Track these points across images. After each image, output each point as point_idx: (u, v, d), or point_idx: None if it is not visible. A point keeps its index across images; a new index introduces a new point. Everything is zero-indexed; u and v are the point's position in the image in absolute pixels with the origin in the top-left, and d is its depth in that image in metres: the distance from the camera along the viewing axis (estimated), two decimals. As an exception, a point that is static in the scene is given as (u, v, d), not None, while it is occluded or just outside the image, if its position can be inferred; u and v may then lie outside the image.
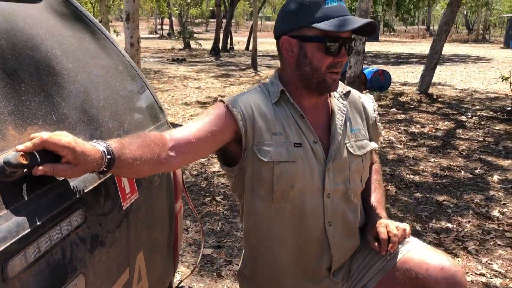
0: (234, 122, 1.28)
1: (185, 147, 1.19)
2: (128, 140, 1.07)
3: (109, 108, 1.22)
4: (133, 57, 8.66)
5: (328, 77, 1.28)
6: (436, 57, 9.81)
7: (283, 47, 1.31)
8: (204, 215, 3.96)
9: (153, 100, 1.53)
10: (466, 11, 38.56)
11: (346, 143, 1.37)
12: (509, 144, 6.33)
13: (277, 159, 1.30)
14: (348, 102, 1.44)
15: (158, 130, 1.49)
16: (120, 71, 1.38)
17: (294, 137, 1.32)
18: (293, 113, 1.34)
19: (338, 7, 1.26)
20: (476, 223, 3.86)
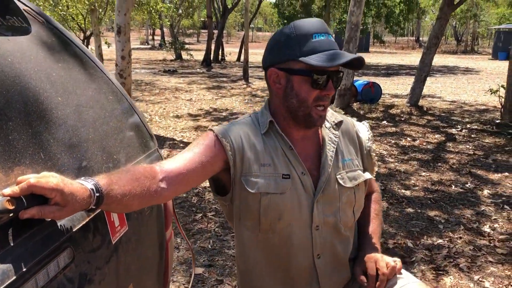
0: (224, 153, 1.28)
1: (176, 178, 1.18)
2: (117, 175, 1.05)
3: (98, 141, 1.20)
4: (125, 69, 8.65)
5: (314, 112, 1.28)
6: (426, 69, 9.91)
7: (271, 78, 1.31)
8: (195, 233, 3.93)
9: (143, 128, 1.52)
10: (454, 22, 39.11)
11: (336, 174, 1.36)
12: (498, 157, 6.39)
13: (265, 190, 1.29)
14: (340, 131, 1.43)
15: (149, 158, 1.48)
16: (110, 101, 1.37)
17: (283, 169, 1.31)
18: (282, 144, 1.33)
19: (326, 40, 1.25)
20: (467, 239, 3.87)
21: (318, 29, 1.25)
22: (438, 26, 9.63)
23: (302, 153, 1.34)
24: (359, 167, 1.43)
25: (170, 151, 6.64)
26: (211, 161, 1.26)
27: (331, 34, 1.28)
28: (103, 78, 1.41)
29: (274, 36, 1.31)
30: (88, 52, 1.41)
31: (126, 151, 1.33)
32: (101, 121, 1.26)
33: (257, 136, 1.33)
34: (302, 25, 1.26)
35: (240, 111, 10.18)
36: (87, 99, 1.25)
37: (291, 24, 1.28)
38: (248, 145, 1.31)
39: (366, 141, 1.47)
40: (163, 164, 1.21)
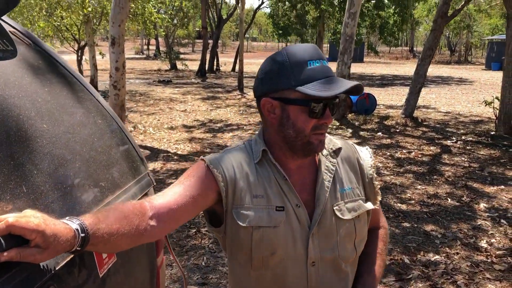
0: (216, 184, 1.21)
1: (166, 214, 1.12)
2: (104, 213, 1.00)
3: (85, 170, 1.15)
4: (119, 81, 8.60)
5: (313, 138, 1.21)
6: (421, 81, 9.94)
7: (265, 108, 1.24)
8: (189, 249, 3.87)
9: (133, 151, 1.47)
10: (448, 33, 39.44)
11: (333, 206, 1.27)
12: (494, 170, 6.38)
13: (257, 224, 1.21)
14: (340, 158, 1.34)
15: (139, 184, 1.43)
16: (99, 125, 1.32)
17: (277, 200, 1.23)
18: (275, 175, 1.26)
19: (321, 67, 1.18)
20: (464, 254, 3.83)
21: (312, 55, 1.19)
22: (432, 38, 9.67)
23: (297, 184, 1.27)
24: (360, 197, 1.33)
25: (164, 164, 6.58)
26: (203, 194, 1.20)
27: (325, 59, 1.21)
28: (92, 101, 1.36)
29: (265, 64, 1.24)
30: (77, 74, 1.37)
31: (115, 177, 1.28)
32: (88, 148, 1.21)
33: (250, 166, 1.26)
34: (296, 52, 1.19)
35: (235, 122, 10.14)
36: (75, 124, 1.20)
37: (284, 51, 1.21)
38: (241, 175, 1.24)
39: (368, 168, 1.37)
40: (153, 200, 1.14)
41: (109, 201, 1.21)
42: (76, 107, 1.26)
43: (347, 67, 9.52)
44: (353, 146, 1.41)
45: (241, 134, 8.77)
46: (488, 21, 40.70)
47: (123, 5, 8.25)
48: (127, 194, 1.30)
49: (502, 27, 39.20)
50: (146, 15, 13.41)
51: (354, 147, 1.41)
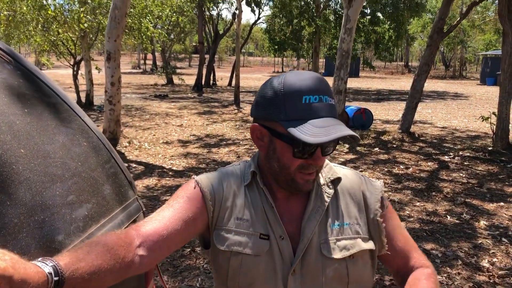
0: (204, 203, 1.13)
1: (156, 242, 1.02)
2: (84, 250, 0.90)
3: (66, 197, 1.06)
4: (114, 96, 8.54)
5: (298, 177, 1.09)
6: (417, 96, 9.92)
7: (254, 134, 1.14)
8: (183, 270, 3.75)
9: (121, 175, 1.38)
10: (442, 48, 39.76)
11: (321, 241, 1.12)
12: (493, 186, 6.30)
13: (236, 249, 1.10)
14: (340, 190, 1.20)
15: (127, 210, 1.33)
16: (83, 148, 1.24)
17: (261, 227, 1.12)
18: (263, 200, 1.15)
19: (318, 105, 1.04)
20: (466, 274, 3.73)
21: (310, 89, 1.04)
22: (428, 54, 9.68)
23: (285, 213, 1.15)
24: (360, 235, 1.16)
25: (159, 180, 6.47)
26: (194, 216, 1.10)
27: (328, 95, 1.06)
28: (77, 122, 1.28)
29: (263, 86, 1.12)
30: (62, 94, 1.28)
31: (100, 205, 1.19)
32: (71, 173, 1.12)
33: (239, 187, 1.17)
34: (293, 82, 1.06)
35: (231, 137, 10.07)
36: (56, 148, 1.11)
37: (282, 78, 1.08)
38: (228, 195, 1.16)
39: (374, 203, 1.20)
40: (140, 227, 1.04)
41: (93, 231, 1.11)
42: (59, 129, 1.17)
43: (344, 82, 9.50)
44: (362, 178, 1.25)
45: (237, 149, 8.68)
46: (482, 36, 41.11)
47: (119, 20, 8.23)
48: (113, 222, 1.21)
49: (496, 42, 39.61)
50: (142, 30, 13.40)
51: (363, 178, 1.25)
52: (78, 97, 14.57)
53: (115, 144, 8.61)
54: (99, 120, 11.73)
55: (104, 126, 8.74)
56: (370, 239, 1.19)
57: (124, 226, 1.26)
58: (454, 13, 30.71)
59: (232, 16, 24.05)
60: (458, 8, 31.94)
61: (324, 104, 1.05)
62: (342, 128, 1.02)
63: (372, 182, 1.25)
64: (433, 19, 34.58)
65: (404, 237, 1.25)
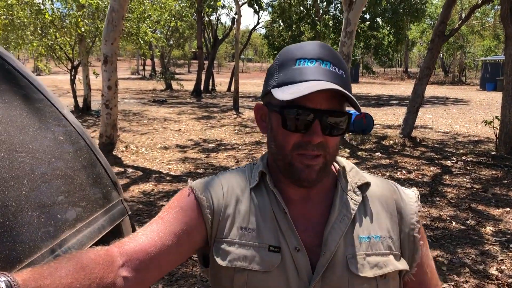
0: (200, 212, 0.96)
1: (142, 262, 0.85)
2: (52, 266, 0.74)
3: (35, 197, 0.92)
4: (111, 100, 8.40)
5: (296, 160, 0.92)
6: (418, 100, 9.80)
7: (258, 114, 1.01)
8: (179, 278, 3.59)
9: (104, 174, 1.23)
10: (442, 54, 39.78)
11: (347, 256, 0.94)
12: (497, 191, 6.16)
13: (241, 265, 0.92)
14: (370, 197, 1.02)
15: (109, 213, 1.18)
16: (59, 142, 1.09)
17: (271, 238, 0.94)
18: (273, 205, 0.97)
19: (314, 68, 0.90)
20: (474, 283, 3.57)
21: (306, 53, 0.92)
22: (429, 57, 9.57)
23: (300, 220, 0.97)
24: (392, 251, 0.98)
25: (156, 185, 6.32)
26: (188, 229, 0.93)
27: (330, 61, 0.92)
28: (53, 114, 1.13)
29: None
30: (37, 82, 1.14)
31: (77, 207, 1.04)
32: (42, 170, 0.97)
33: (243, 191, 1.00)
34: (291, 49, 0.96)
35: (230, 142, 9.92)
36: (25, 141, 0.97)
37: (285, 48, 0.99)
38: (230, 200, 0.98)
39: (411, 216, 1.02)
40: (124, 244, 0.87)
41: (66, 237, 0.97)
42: (30, 120, 1.03)
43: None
44: (394, 185, 1.07)
45: (236, 154, 8.54)
46: (481, 42, 41.13)
47: (116, 23, 8.11)
48: (92, 227, 1.06)
49: (495, 48, 39.62)
50: (141, 35, 13.29)
51: (395, 186, 1.07)
52: (75, 102, 14.44)
53: (111, 149, 8.46)
54: (96, 125, 11.59)
55: (100, 131, 8.60)
56: (403, 257, 1.01)
57: (104, 232, 1.11)
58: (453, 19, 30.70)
59: (231, 21, 24.01)
60: (457, 14, 31.95)
61: (322, 69, 0.90)
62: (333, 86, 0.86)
63: (405, 190, 1.07)
64: (432, 25, 34.62)
65: (431, 268, 1.06)
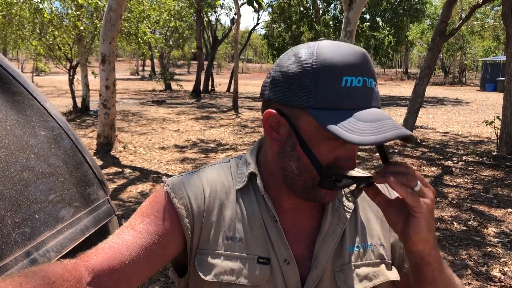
0: (178, 222, 0.85)
1: (110, 280, 0.76)
2: (16, 280, 0.66)
3: (11, 196, 0.85)
4: (109, 99, 8.33)
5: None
6: (419, 100, 9.73)
7: (268, 122, 0.84)
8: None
9: (89, 172, 1.16)
10: (442, 54, 39.73)
11: (335, 268, 0.87)
12: (499, 191, 6.09)
13: (228, 279, 0.83)
14: (360, 202, 0.94)
15: (94, 214, 1.11)
16: (40, 137, 1.02)
17: (260, 248, 0.85)
18: (262, 212, 0.87)
19: (362, 91, 0.77)
20: (476, 285, 3.50)
21: (353, 68, 0.76)
22: (430, 57, 9.50)
23: (291, 230, 0.88)
24: (384, 259, 0.91)
25: (153, 186, 6.24)
26: (163, 242, 0.83)
27: (372, 77, 0.79)
28: (33, 107, 1.06)
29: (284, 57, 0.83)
30: (17, 73, 1.07)
31: (58, 206, 0.97)
32: (19, 166, 0.90)
33: (229, 193, 0.89)
34: (330, 55, 0.77)
35: (229, 142, 9.85)
36: (0, 136, 0.90)
37: (315, 48, 0.79)
38: (213, 206, 0.87)
39: None
40: (90, 258, 0.77)
41: (44, 239, 0.89)
42: (8, 113, 0.96)
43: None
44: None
45: (235, 154, 8.45)
46: (481, 43, 41.09)
47: (114, 22, 8.04)
48: (74, 228, 0.99)
49: (495, 49, 39.58)
50: (140, 35, 13.22)
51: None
52: (74, 102, 14.37)
53: (109, 149, 8.39)
54: (95, 125, 11.51)
55: (98, 131, 8.53)
56: (393, 265, 0.94)
57: (88, 233, 1.04)
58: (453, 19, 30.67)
59: (230, 21, 23.94)
60: (457, 14, 31.91)
61: (369, 89, 0.78)
62: (395, 125, 0.74)
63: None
64: (432, 26, 34.56)
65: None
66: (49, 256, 0.87)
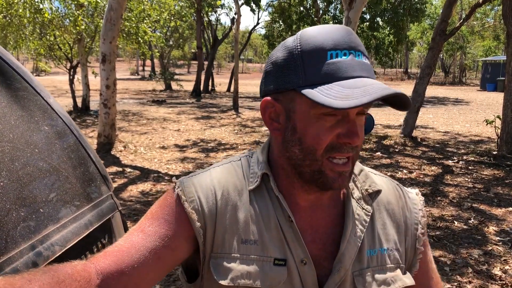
0: (189, 226, 0.83)
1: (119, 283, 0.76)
2: (25, 277, 0.66)
3: (15, 190, 0.85)
4: (109, 99, 8.33)
5: (327, 166, 0.81)
6: (419, 100, 9.73)
7: (266, 113, 0.86)
8: (176, 278, 3.53)
9: (92, 167, 1.16)
10: (442, 55, 39.74)
11: (354, 272, 0.86)
12: (499, 191, 6.09)
13: (245, 283, 0.82)
14: (376, 204, 0.92)
15: (97, 209, 1.11)
16: (44, 132, 1.03)
17: (276, 250, 0.84)
18: (277, 212, 0.86)
19: (351, 61, 0.78)
20: (477, 283, 3.51)
21: (337, 42, 0.78)
22: (430, 56, 9.51)
23: (308, 230, 0.87)
24: (399, 264, 0.91)
25: (154, 185, 6.24)
26: (173, 245, 0.82)
27: (360, 50, 0.80)
28: (38, 103, 1.06)
29: (274, 51, 0.86)
30: (21, 69, 1.07)
31: (62, 201, 0.97)
32: (23, 161, 0.90)
33: (242, 194, 0.87)
34: (313, 35, 0.79)
35: (229, 141, 9.85)
36: (5, 130, 0.90)
37: (299, 33, 0.82)
38: (226, 208, 0.86)
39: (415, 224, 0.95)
40: (99, 260, 0.78)
41: (48, 233, 0.90)
42: (12, 108, 0.96)
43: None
44: (399, 188, 0.98)
45: (235, 154, 8.45)
46: (481, 43, 41.10)
47: (115, 21, 8.05)
48: (78, 222, 1.00)
49: (495, 48, 39.58)
50: (140, 34, 13.22)
51: (400, 189, 0.97)
52: (74, 102, 14.38)
53: (110, 149, 8.39)
54: (95, 124, 11.52)
55: (99, 130, 8.53)
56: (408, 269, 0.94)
57: (92, 227, 1.04)
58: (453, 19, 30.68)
59: (231, 21, 23.96)
60: (457, 14, 31.92)
61: (357, 61, 0.78)
62: (386, 87, 0.75)
63: (410, 195, 0.98)
64: (432, 25, 34.57)
65: (436, 275, 1.00)
66: (54, 250, 0.87)
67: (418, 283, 0.95)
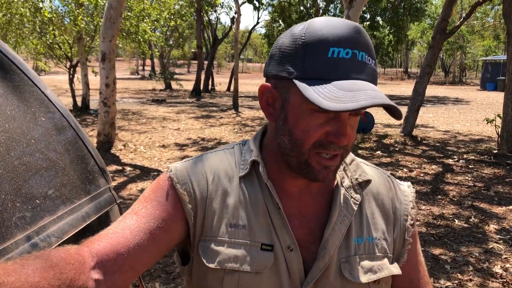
0: (181, 207, 0.84)
1: (114, 264, 0.76)
2: (18, 262, 0.65)
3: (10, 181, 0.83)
4: (109, 98, 8.32)
5: (313, 159, 0.82)
6: (419, 99, 9.72)
7: (263, 98, 0.86)
8: (176, 276, 3.51)
9: (90, 159, 1.15)
10: (442, 54, 39.72)
11: (341, 259, 0.86)
12: (500, 189, 6.08)
13: (232, 266, 0.83)
14: (366, 194, 0.93)
15: (95, 201, 1.10)
16: (41, 123, 1.01)
17: (263, 235, 0.85)
18: (266, 198, 0.86)
19: (351, 61, 0.76)
20: (478, 281, 3.49)
21: (341, 40, 0.76)
22: (430, 55, 9.49)
23: (295, 216, 0.88)
24: (386, 253, 0.91)
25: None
26: (166, 226, 0.82)
27: (366, 51, 0.78)
28: (34, 94, 1.05)
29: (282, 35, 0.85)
30: (17, 60, 1.06)
31: (58, 192, 0.95)
32: (19, 151, 0.89)
33: (232, 180, 0.88)
34: (319, 28, 0.77)
35: (229, 140, 9.84)
36: (0, 120, 0.89)
37: (308, 22, 0.80)
38: (216, 193, 0.87)
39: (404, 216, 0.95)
40: (93, 243, 0.77)
41: (45, 224, 0.88)
42: (8, 98, 0.94)
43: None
44: (390, 179, 0.99)
45: (235, 153, 8.45)
46: (481, 42, 41.08)
47: (114, 20, 8.03)
48: (75, 214, 0.98)
49: (496, 48, 39.57)
50: (140, 33, 13.21)
51: (391, 180, 0.99)
52: (74, 101, 14.36)
53: (109, 147, 8.38)
54: (95, 123, 11.51)
55: (98, 129, 8.52)
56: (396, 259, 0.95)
57: (90, 220, 1.03)
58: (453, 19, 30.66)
59: (230, 20, 23.96)
60: (457, 13, 31.91)
61: (359, 62, 0.77)
62: (377, 95, 0.73)
63: (401, 187, 0.99)
64: (432, 25, 34.54)
65: (423, 268, 1.00)
66: (50, 241, 0.86)
67: (405, 274, 0.95)
